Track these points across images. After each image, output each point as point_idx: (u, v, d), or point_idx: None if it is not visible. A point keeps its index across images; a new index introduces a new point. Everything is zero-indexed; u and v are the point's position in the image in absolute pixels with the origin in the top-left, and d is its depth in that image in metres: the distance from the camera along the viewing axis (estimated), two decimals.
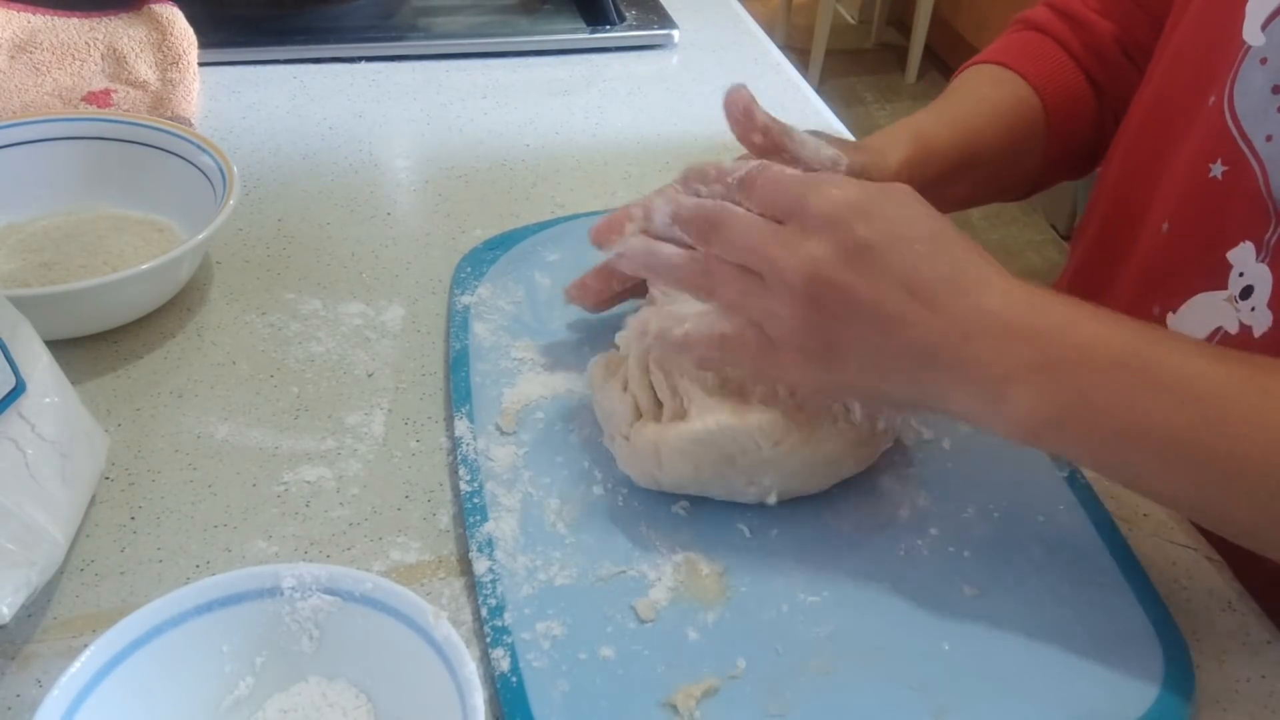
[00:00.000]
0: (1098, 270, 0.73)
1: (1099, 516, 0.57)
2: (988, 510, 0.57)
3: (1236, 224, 0.61)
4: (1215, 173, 0.62)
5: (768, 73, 1.05)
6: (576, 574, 0.53)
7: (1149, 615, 0.52)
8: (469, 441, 0.59)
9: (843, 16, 3.78)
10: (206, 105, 0.92)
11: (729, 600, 0.52)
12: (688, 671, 0.49)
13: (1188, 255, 0.64)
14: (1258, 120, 0.59)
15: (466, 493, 0.56)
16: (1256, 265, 0.60)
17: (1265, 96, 0.59)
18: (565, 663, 0.49)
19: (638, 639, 0.50)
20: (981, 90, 0.75)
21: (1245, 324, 0.61)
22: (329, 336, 0.68)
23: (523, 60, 1.03)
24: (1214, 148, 0.62)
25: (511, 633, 0.50)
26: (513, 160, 0.88)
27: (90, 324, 0.66)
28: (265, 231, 0.77)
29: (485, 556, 0.53)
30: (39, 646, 0.50)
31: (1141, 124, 0.70)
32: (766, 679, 0.49)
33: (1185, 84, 0.66)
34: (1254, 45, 0.59)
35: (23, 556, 0.48)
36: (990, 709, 0.48)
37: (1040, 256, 2.65)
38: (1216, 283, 0.62)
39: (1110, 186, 0.74)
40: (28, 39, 0.91)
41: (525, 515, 0.56)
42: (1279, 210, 0.58)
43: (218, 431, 0.61)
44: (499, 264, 0.73)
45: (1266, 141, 0.59)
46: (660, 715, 0.47)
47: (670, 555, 0.54)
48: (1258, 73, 0.59)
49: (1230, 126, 0.61)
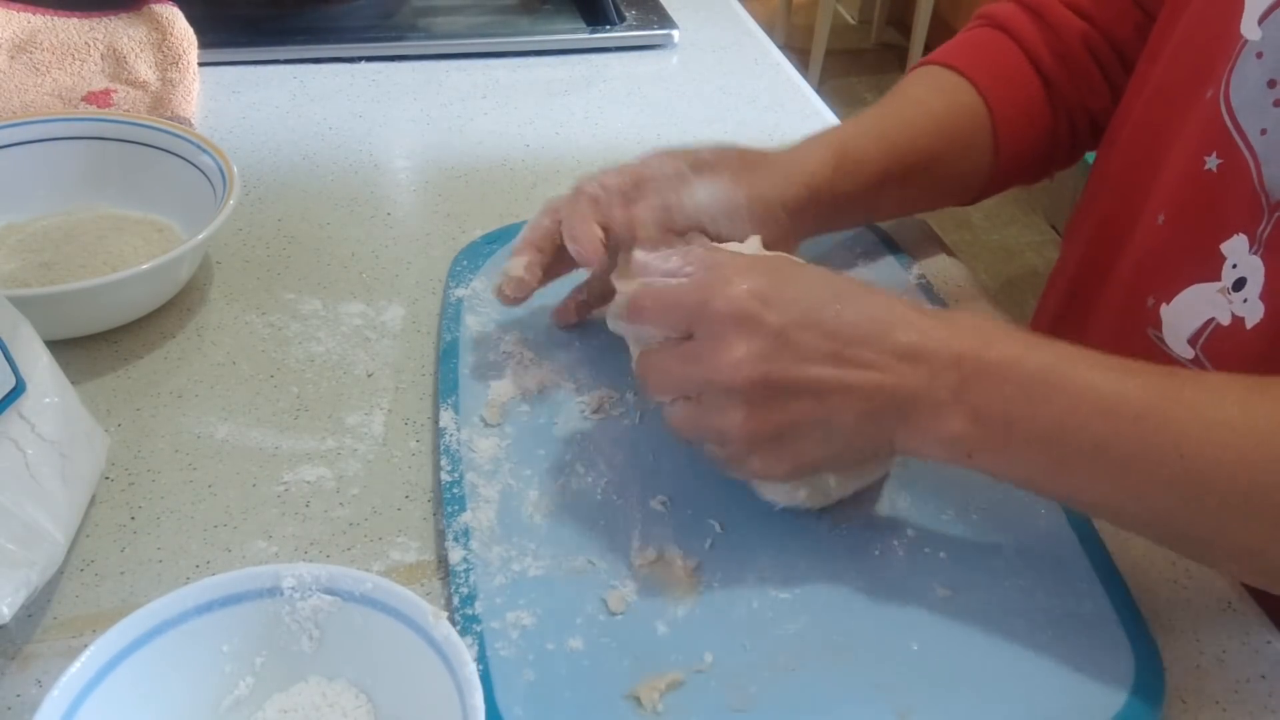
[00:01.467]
0: (1096, 263, 0.73)
1: (1077, 520, 0.57)
2: (966, 512, 0.57)
3: (1230, 216, 0.61)
4: (1210, 165, 0.62)
5: (768, 73, 1.05)
6: (550, 565, 0.53)
7: (1121, 620, 0.52)
8: (452, 432, 0.59)
9: (843, 16, 3.78)
10: (206, 105, 0.92)
11: (700, 595, 0.52)
12: (654, 664, 0.49)
13: (1182, 247, 0.64)
14: (1252, 114, 0.60)
15: (446, 483, 0.57)
16: (1249, 257, 0.60)
17: (1260, 90, 0.59)
18: (532, 652, 0.49)
19: (607, 631, 0.50)
20: (921, 96, 0.74)
21: (1238, 316, 0.61)
22: (329, 336, 0.68)
23: (523, 60, 1.03)
24: (1209, 140, 0.62)
25: (481, 621, 0.50)
26: (513, 160, 0.88)
27: (90, 324, 0.66)
28: (265, 231, 0.77)
29: (460, 546, 0.53)
30: (39, 646, 0.50)
31: (1141, 117, 0.70)
32: (732, 674, 0.49)
33: (1185, 78, 0.66)
34: (1251, 39, 0.59)
35: (23, 556, 0.48)
36: (956, 710, 0.48)
37: (1040, 257, 2.65)
38: (1210, 274, 0.62)
39: (1109, 180, 0.73)
40: (28, 39, 0.91)
41: (503, 506, 0.56)
42: (1272, 203, 0.59)
43: (218, 431, 0.61)
44: (494, 258, 0.73)
45: (1261, 135, 0.59)
46: (624, 707, 0.47)
47: (644, 549, 0.54)
48: (1253, 66, 0.59)
49: (1226, 120, 0.61)
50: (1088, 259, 0.75)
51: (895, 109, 0.73)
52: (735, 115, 0.96)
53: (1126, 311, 0.69)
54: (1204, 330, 0.63)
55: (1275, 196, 0.59)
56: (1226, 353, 0.62)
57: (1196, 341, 0.63)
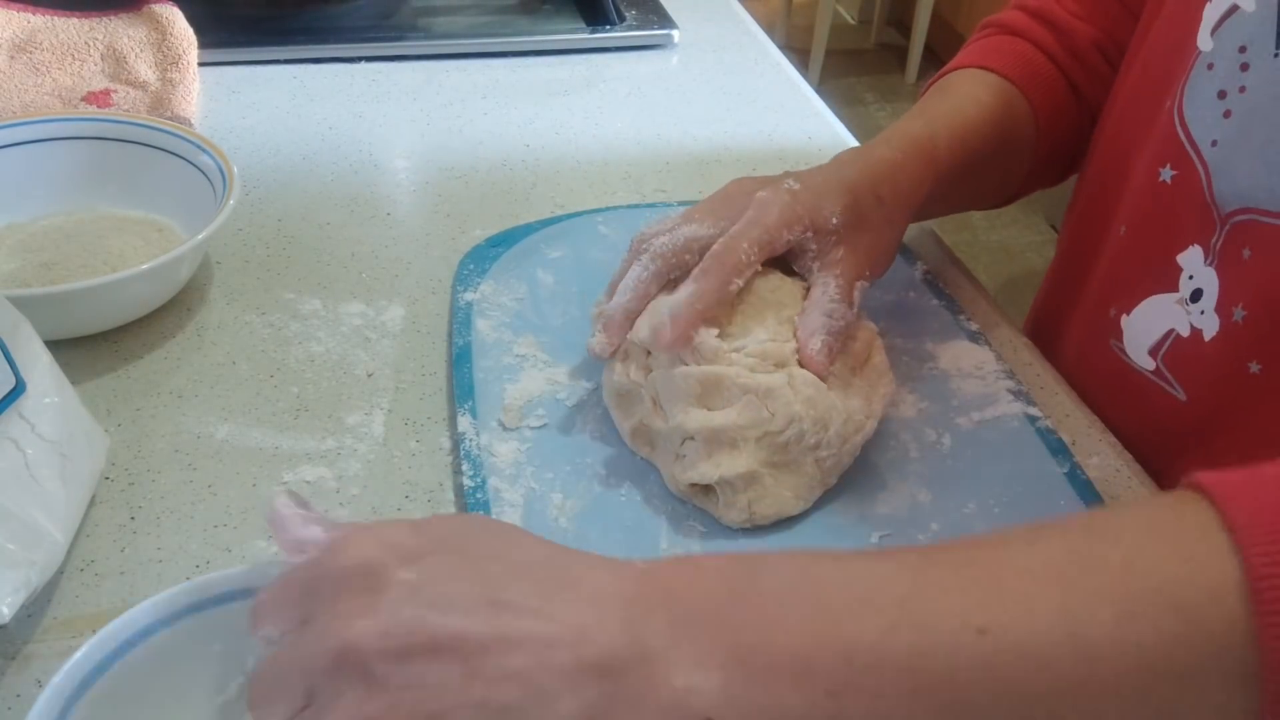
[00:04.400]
0: (1072, 272, 0.73)
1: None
2: (988, 506, 0.57)
3: (1185, 228, 0.61)
4: (1165, 177, 0.62)
5: (768, 73, 1.05)
6: None
7: None
8: (472, 437, 0.59)
9: (843, 16, 3.78)
10: (206, 105, 0.92)
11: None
12: None
13: (1141, 258, 0.64)
14: (1204, 125, 0.59)
15: (469, 488, 0.56)
16: (1204, 269, 0.60)
17: (1211, 101, 0.59)
18: None
19: None
20: (978, 95, 0.72)
21: (1196, 327, 0.61)
22: (329, 336, 0.68)
23: (523, 60, 1.03)
24: (1164, 152, 0.62)
25: None
26: (513, 160, 0.88)
27: (90, 324, 0.66)
28: (265, 231, 0.77)
29: None
30: (39, 646, 0.50)
31: (1113, 128, 0.70)
32: None
33: (1149, 90, 0.65)
34: (1204, 50, 0.59)
35: (23, 556, 0.48)
36: None
37: (1040, 257, 2.65)
38: (1168, 285, 0.62)
39: (1083, 191, 0.74)
40: (28, 39, 0.91)
41: (528, 510, 0.56)
42: (1223, 215, 0.59)
43: (218, 431, 0.61)
44: (501, 261, 0.73)
45: (1212, 146, 0.59)
46: None
47: (671, 550, 0.54)
48: (1205, 78, 0.59)
49: (1179, 131, 0.61)
50: (1063, 269, 0.75)
51: (958, 108, 0.70)
52: (735, 115, 0.96)
53: (1092, 323, 0.69)
54: (1164, 341, 0.63)
55: (1225, 209, 0.58)
56: (1186, 364, 0.62)
57: (1158, 353, 0.63)
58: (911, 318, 0.70)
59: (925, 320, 0.70)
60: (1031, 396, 0.65)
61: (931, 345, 0.68)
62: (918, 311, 0.71)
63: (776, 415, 0.54)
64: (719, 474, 0.54)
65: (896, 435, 0.62)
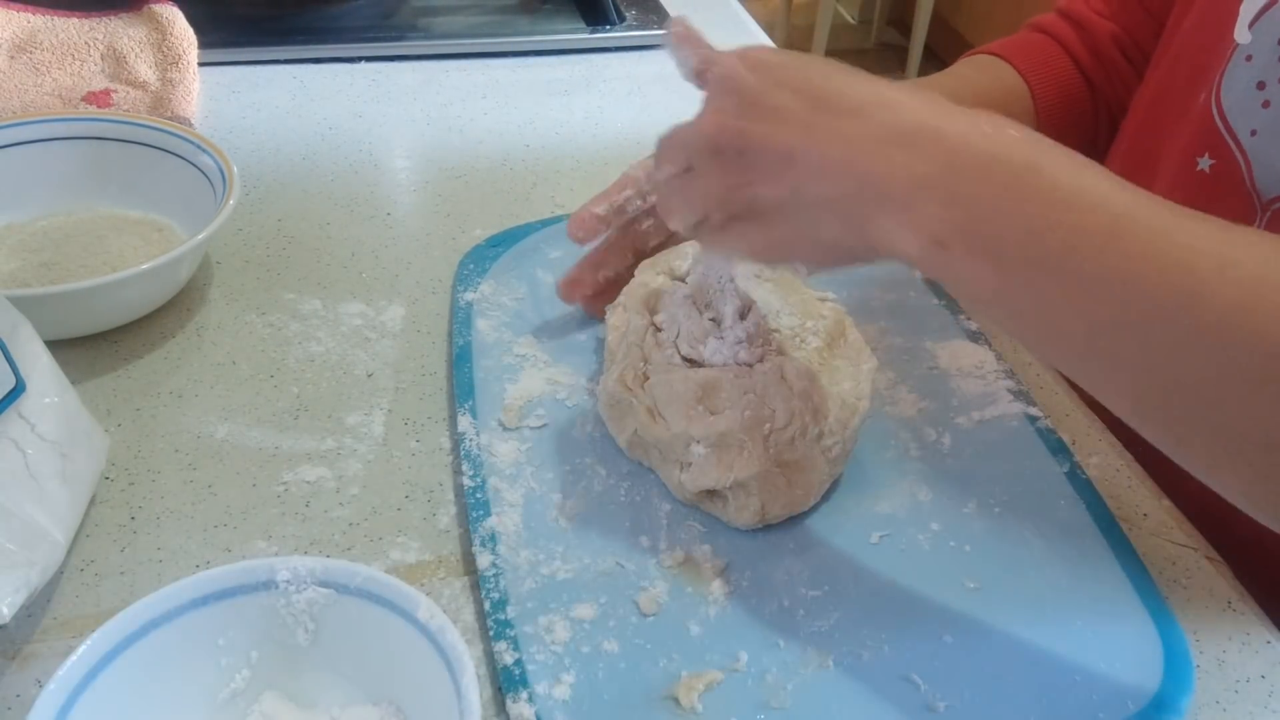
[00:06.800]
0: None
1: (1099, 511, 0.57)
2: (988, 505, 0.58)
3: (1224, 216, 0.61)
4: (1202, 166, 0.63)
5: None
6: (578, 568, 0.53)
7: (1148, 609, 0.52)
8: (472, 437, 0.59)
9: (843, 16, 3.78)
10: (206, 105, 0.92)
11: (730, 594, 0.52)
12: (689, 665, 0.49)
13: None
14: (1243, 115, 0.61)
15: (469, 488, 0.56)
16: None
17: (1250, 92, 0.60)
18: (568, 656, 0.49)
19: (640, 633, 0.50)
20: (965, 74, 0.78)
21: None
22: (329, 336, 0.68)
23: (523, 60, 1.03)
24: (1202, 142, 0.63)
25: (514, 626, 0.50)
26: (513, 160, 0.88)
27: (90, 324, 0.66)
28: (265, 231, 0.77)
29: (488, 551, 0.53)
30: (39, 646, 0.50)
31: (1140, 123, 0.71)
32: (767, 672, 0.49)
33: (1181, 83, 0.67)
34: (1242, 43, 0.61)
35: (23, 556, 0.48)
36: (989, 702, 0.48)
37: None
38: None
39: None
40: (28, 39, 0.91)
41: (528, 510, 0.56)
42: (1264, 202, 0.60)
43: (218, 431, 0.61)
44: (501, 261, 0.73)
45: (1251, 136, 0.60)
46: (662, 708, 0.47)
47: (672, 550, 0.54)
48: (1244, 69, 0.61)
49: (1217, 121, 0.62)
50: None
51: (938, 83, 0.76)
52: None
53: None
54: None
55: (1267, 195, 0.60)
56: None
57: None
58: (911, 317, 0.71)
59: (925, 320, 0.70)
60: (1031, 396, 0.65)
61: (931, 345, 0.68)
62: (918, 311, 0.71)
63: (777, 412, 0.54)
64: (733, 477, 0.54)
65: (896, 434, 0.62)
